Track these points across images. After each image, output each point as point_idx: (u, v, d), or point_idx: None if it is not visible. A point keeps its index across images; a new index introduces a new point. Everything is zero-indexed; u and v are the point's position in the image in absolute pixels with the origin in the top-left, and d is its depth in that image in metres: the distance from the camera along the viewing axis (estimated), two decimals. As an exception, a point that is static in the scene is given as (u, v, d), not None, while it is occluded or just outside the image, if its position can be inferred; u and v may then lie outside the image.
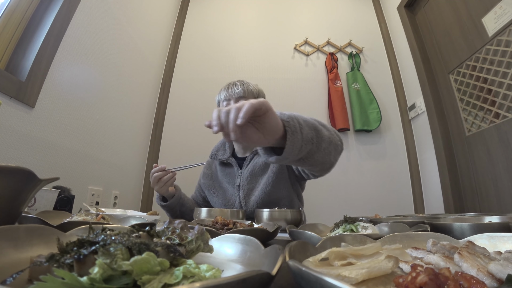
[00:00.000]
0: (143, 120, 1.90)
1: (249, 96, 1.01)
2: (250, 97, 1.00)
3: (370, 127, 1.95)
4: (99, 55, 1.42)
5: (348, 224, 0.52)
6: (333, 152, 0.62)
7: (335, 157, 0.65)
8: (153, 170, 0.93)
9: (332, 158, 0.63)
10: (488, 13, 1.40)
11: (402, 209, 1.81)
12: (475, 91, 1.50)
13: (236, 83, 1.02)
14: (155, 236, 0.22)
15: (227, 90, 1.02)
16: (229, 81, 1.05)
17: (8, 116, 0.95)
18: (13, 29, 1.07)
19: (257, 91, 1.04)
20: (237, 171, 1.04)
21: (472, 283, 0.16)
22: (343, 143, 0.68)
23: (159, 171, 0.92)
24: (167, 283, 0.17)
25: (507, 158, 1.32)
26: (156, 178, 0.92)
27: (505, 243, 0.29)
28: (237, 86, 1.01)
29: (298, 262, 0.16)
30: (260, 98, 0.46)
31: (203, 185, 1.15)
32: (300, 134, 0.51)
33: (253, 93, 1.02)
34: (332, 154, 0.62)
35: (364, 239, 0.32)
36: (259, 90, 1.06)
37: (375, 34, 2.30)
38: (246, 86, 1.01)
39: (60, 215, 0.56)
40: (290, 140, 0.50)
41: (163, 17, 2.16)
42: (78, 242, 0.18)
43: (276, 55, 2.22)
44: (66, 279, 0.15)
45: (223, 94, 1.04)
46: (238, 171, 1.04)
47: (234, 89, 1.01)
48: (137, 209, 1.73)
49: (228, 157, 1.07)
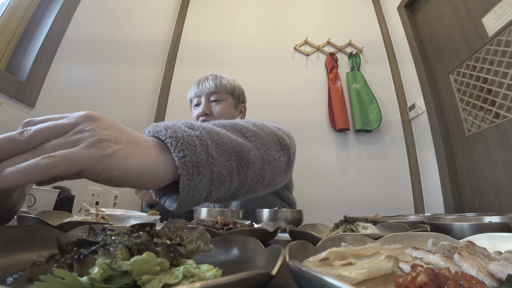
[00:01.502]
0: (143, 120, 1.90)
1: (222, 91, 0.93)
2: (223, 93, 0.93)
3: (370, 127, 1.95)
4: (99, 55, 1.42)
5: (348, 224, 0.52)
6: (268, 174, 0.39)
7: (272, 177, 0.40)
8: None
9: (266, 181, 0.39)
10: (488, 13, 1.41)
11: (402, 209, 1.81)
12: (475, 91, 1.50)
13: (208, 77, 0.94)
14: (155, 236, 0.22)
15: (197, 86, 0.94)
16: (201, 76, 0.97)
17: (8, 116, 0.95)
18: (13, 29, 1.07)
19: (232, 86, 0.97)
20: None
21: (472, 283, 0.16)
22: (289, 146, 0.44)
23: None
24: (167, 283, 0.17)
25: (507, 158, 1.32)
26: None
27: (505, 243, 0.29)
28: (209, 81, 0.93)
29: (298, 262, 0.16)
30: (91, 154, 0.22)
31: None
32: (209, 173, 0.29)
33: (226, 88, 0.94)
34: (268, 176, 0.39)
35: (364, 239, 0.32)
36: (235, 86, 0.98)
37: (375, 34, 2.30)
38: (219, 80, 0.93)
39: (60, 215, 0.56)
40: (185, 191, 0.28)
41: (163, 17, 2.16)
42: (78, 242, 0.18)
43: (276, 55, 2.22)
44: (66, 279, 0.15)
45: (193, 90, 0.94)
46: None
47: (205, 84, 0.93)
48: (137, 209, 1.72)
49: None
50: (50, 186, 0.76)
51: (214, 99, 0.93)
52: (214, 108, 0.93)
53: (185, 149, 0.27)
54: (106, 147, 0.22)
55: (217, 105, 0.93)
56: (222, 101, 0.94)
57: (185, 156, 0.27)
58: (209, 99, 0.93)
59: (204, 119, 0.90)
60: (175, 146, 0.27)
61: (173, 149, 0.27)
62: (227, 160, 0.31)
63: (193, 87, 0.96)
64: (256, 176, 0.36)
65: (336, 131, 1.97)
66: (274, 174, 0.40)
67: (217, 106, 0.93)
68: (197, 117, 0.93)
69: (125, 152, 0.24)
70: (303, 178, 1.77)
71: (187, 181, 0.27)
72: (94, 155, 0.21)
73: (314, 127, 1.99)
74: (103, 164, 0.22)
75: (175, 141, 0.27)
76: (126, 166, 0.24)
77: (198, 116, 0.93)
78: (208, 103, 0.93)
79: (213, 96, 0.93)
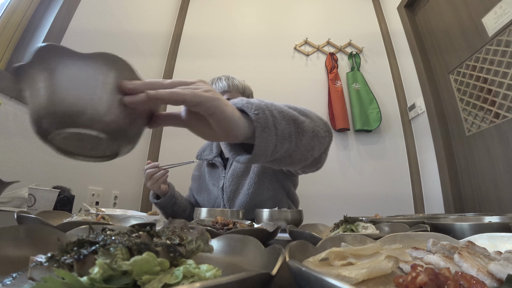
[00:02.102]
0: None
1: (234, 91, 0.97)
2: (235, 92, 0.97)
3: (370, 127, 1.95)
4: (99, 55, 1.42)
5: (348, 224, 0.52)
6: (316, 147, 0.48)
7: (319, 152, 0.51)
8: (146, 167, 0.92)
9: (315, 154, 0.49)
10: (488, 13, 1.41)
11: (402, 209, 1.81)
12: (475, 91, 1.50)
13: (221, 78, 0.99)
14: (155, 236, 0.22)
15: (211, 85, 0.98)
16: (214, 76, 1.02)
17: (8, 116, 0.95)
18: (13, 29, 1.08)
19: (243, 86, 1.01)
20: (221, 172, 1.01)
21: (472, 283, 0.16)
22: (332, 132, 0.54)
23: (151, 168, 0.91)
24: (167, 283, 0.17)
25: (507, 158, 1.32)
26: (148, 175, 0.91)
27: (505, 243, 0.29)
28: (222, 81, 0.97)
29: (298, 262, 0.16)
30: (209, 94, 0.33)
31: (192, 187, 1.13)
32: (274, 130, 0.39)
33: (238, 88, 0.98)
34: (316, 149, 0.48)
35: (364, 239, 0.32)
36: (245, 86, 1.02)
37: (375, 34, 2.30)
38: (231, 80, 0.97)
39: (60, 215, 0.56)
40: (259, 139, 0.38)
41: (163, 17, 2.16)
42: (78, 242, 0.18)
43: (276, 55, 2.22)
44: (66, 279, 0.15)
45: None
46: (222, 172, 1.00)
47: (218, 83, 0.97)
48: (137, 209, 1.73)
49: (214, 157, 1.03)
50: (50, 186, 0.76)
51: (226, 97, 0.95)
52: None
53: (258, 110, 0.38)
54: (216, 94, 0.34)
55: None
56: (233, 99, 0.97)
57: (258, 114, 0.38)
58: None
59: None
60: (251, 108, 0.38)
61: (249, 110, 0.38)
62: (287, 123, 0.41)
63: None
64: (308, 144, 0.45)
65: (336, 131, 1.97)
66: (320, 150, 0.51)
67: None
68: None
69: (224, 102, 0.35)
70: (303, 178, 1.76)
71: (260, 132, 0.37)
72: (208, 95, 0.33)
73: (314, 127, 1.99)
74: (211, 103, 0.33)
75: (250, 105, 0.39)
76: (224, 110, 0.34)
77: None
78: None
79: (225, 95, 0.95)
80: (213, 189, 1.02)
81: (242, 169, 0.96)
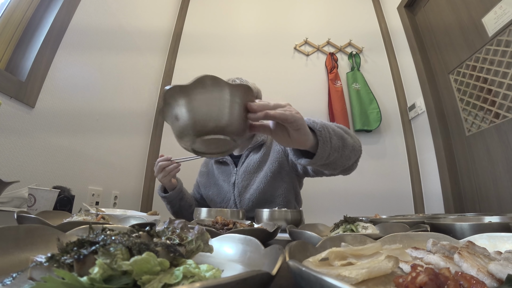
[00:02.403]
0: (143, 120, 1.90)
1: None
2: None
3: (370, 127, 1.95)
4: (99, 55, 1.42)
5: (348, 224, 0.52)
6: (352, 158, 0.68)
7: (353, 161, 0.72)
8: (159, 160, 0.94)
9: (351, 162, 0.70)
10: (488, 13, 1.41)
11: (402, 209, 1.81)
12: (475, 91, 1.50)
13: (235, 80, 1.01)
14: (155, 236, 0.22)
15: None
16: (227, 78, 1.04)
17: (8, 116, 0.95)
18: (13, 29, 1.08)
19: (256, 90, 1.04)
20: (232, 169, 1.05)
21: (472, 283, 0.16)
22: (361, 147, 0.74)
23: (164, 161, 0.93)
24: (167, 283, 0.17)
25: (507, 158, 1.32)
26: (160, 167, 0.92)
27: (505, 243, 0.29)
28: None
29: (298, 262, 0.16)
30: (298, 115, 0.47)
31: (200, 183, 1.16)
32: (329, 144, 0.55)
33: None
34: (352, 159, 0.68)
35: (364, 239, 0.32)
36: (258, 89, 1.05)
37: (375, 34, 2.30)
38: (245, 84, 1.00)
39: (60, 215, 0.56)
40: (321, 149, 0.54)
41: (163, 17, 2.16)
42: (78, 242, 0.18)
43: (276, 55, 2.22)
44: (66, 279, 0.15)
45: None
46: (233, 169, 1.04)
47: None
48: (137, 209, 1.73)
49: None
50: (50, 186, 0.76)
51: None
52: None
53: (321, 128, 0.55)
54: (300, 114, 0.48)
55: None
56: None
57: (321, 131, 0.54)
58: None
59: None
60: (316, 125, 0.55)
61: (315, 127, 0.54)
62: (337, 139, 0.58)
63: None
64: (348, 155, 0.64)
65: (336, 131, 1.97)
66: (354, 159, 0.71)
67: None
68: None
69: (304, 122, 0.50)
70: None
71: (322, 144, 0.54)
72: (299, 117, 0.47)
73: (314, 127, 1.99)
74: (300, 121, 0.47)
75: (315, 124, 0.55)
76: (305, 127, 0.50)
77: None
78: None
79: None
80: (224, 184, 1.06)
81: (255, 166, 1.00)
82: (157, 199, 1.82)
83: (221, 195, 1.06)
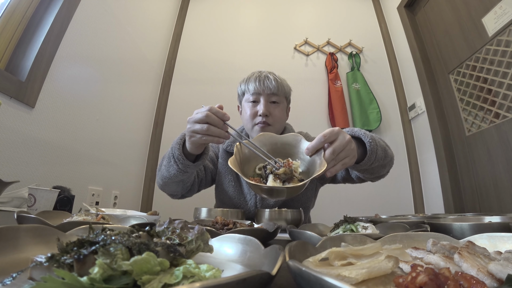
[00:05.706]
0: (143, 120, 1.90)
1: (281, 94, 0.92)
2: (281, 95, 0.92)
3: (370, 127, 1.95)
4: (99, 55, 1.42)
5: (348, 224, 0.52)
6: (387, 167, 0.80)
7: (388, 169, 0.83)
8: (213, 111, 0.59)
9: (386, 170, 0.81)
10: (488, 13, 1.41)
11: (402, 209, 1.81)
12: (475, 91, 1.50)
13: (269, 76, 0.90)
14: (155, 236, 0.22)
15: (259, 82, 0.89)
16: (255, 71, 0.94)
17: (8, 116, 0.95)
18: (13, 29, 1.08)
19: (289, 90, 0.98)
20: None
21: (472, 283, 0.16)
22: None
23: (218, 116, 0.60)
24: (167, 283, 0.17)
25: (507, 158, 1.32)
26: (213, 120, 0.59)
27: (505, 243, 0.29)
28: (271, 81, 0.89)
29: (298, 262, 0.16)
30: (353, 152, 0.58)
31: (220, 164, 0.98)
32: (375, 154, 0.66)
33: (285, 92, 0.94)
34: (386, 169, 0.80)
35: (364, 239, 0.32)
36: (291, 90, 0.99)
37: (375, 34, 2.30)
38: (280, 82, 0.91)
39: (60, 215, 0.56)
40: (368, 158, 0.65)
41: (163, 17, 2.16)
42: (78, 242, 0.18)
43: (276, 55, 2.22)
44: (66, 279, 0.15)
45: (253, 86, 0.89)
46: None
47: (267, 82, 0.88)
48: (137, 209, 1.73)
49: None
50: (50, 186, 0.76)
51: (274, 100, 0.92)
52: (273, 110, 0.91)
53: (370, 140, 0.66)
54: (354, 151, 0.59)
55: (276, 108, 0.92)
56: (280, 103, 0.93)
57: (371, 142, 0.65)
58: (268, 100, 0.91)
59: (263, 120, 0.88)
60: (366, 137, 0.66)
61: (365, 139, 0.66)
62: (381, 150, 0.69)
63: (251, 82, 0.91)
64: (385, 164, 0.75)
65: (336, 131, 1.97)
66: (388, 168, 0.82)
67: (276, 109, 0.92)
68: (254, 114, 0.90)
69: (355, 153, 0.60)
70: (303, 178, 1.76)
71: (369, 154, 0.65)
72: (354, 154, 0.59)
73: (314, 127, 1.99)
74: (354, 153, 0.59)
75: (365, 136, 0.66)
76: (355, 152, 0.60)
77: (256, 115, 0.90)
78: (267, 103, 0.90)
79: (273, 97, 0.91)
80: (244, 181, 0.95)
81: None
82: (157, 199, 1.82)
83: (241, 191, 0.95)
